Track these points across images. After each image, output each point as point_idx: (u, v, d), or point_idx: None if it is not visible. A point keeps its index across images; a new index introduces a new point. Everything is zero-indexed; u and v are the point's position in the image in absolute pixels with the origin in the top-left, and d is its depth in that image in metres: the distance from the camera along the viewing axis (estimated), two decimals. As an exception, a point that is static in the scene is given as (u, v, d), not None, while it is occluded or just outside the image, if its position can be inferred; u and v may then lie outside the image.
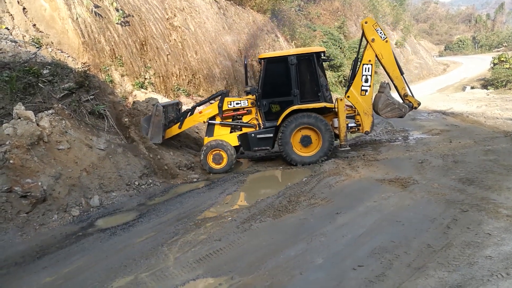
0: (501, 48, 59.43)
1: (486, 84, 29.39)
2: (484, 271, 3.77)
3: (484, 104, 18.44)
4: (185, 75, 14.71)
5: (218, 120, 9.47)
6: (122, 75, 11.99)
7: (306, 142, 9.01)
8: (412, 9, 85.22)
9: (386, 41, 9.63)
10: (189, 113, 9.84)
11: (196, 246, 5.00)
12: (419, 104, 10.10)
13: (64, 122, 7.47)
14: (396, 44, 42.48)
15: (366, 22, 9.66)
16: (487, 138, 10.17)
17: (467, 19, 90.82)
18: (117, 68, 11.93)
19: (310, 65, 9.07)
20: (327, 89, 9.54)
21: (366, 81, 9.59)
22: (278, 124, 9.03)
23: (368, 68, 9.59)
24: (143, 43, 13.30)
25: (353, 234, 4.99)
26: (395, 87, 9.92)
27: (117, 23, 12.45)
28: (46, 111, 7.42)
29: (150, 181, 8.07)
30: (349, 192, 6.80)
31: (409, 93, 9.97)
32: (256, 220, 5.74)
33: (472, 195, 6.00)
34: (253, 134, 9.23)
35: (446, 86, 31.63)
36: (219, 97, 9.51)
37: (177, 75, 14.35)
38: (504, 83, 26.47)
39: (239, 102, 9.40)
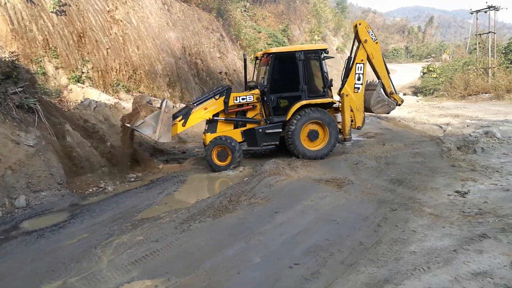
0: (429, 59, 64.16)
1: (416, 91, 31.57)
2: (409, 265, 4.04)
3: (414, 110, 19.82)
4: (125, 71, 14.18)
5: (222, 117, 9.19)
6: (57, 68, 11.30)
7: (313, 136, 9.18)
8: (353, 17, 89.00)
9: (377, 42, 10.18)
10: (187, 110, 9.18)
11: (132, 248, 4.84)
12: (402, 101, 10.76)
13: (-13, 115, 6.86)
14: (336, 49, 44.18)
15: (360, 24, 10.08)
16: (415, 141, 10.93)
17: (401, 30, 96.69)
18: (51, 60, 11.22)
19: (317, 61, 9.29)
20: (330, 85, 9.72)
21: (359, 79, 10.03)
22: (287, 119, 9.07)
23: (361, 67, 10.04)
24: (81, 35, 12.63)
25: (290, 233, 5.11)
26: (382, 85, 10.46)
27: (51, 12, 11.69)
28: (-35, 103, 6.78)
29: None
30: (288, 192, 6.96)
31: (394, 91, 10.56)
32: (195, 220, 5.68)
33: (401, 195, 6.41)
34: (260, 129, 9.12)
35: (381, 92, 33.45)
36: (225, 92, 9.10)
37: (117, 70, 13.80)
38: (431, 91, 28.55)
39: (244, 97, 9.22)
